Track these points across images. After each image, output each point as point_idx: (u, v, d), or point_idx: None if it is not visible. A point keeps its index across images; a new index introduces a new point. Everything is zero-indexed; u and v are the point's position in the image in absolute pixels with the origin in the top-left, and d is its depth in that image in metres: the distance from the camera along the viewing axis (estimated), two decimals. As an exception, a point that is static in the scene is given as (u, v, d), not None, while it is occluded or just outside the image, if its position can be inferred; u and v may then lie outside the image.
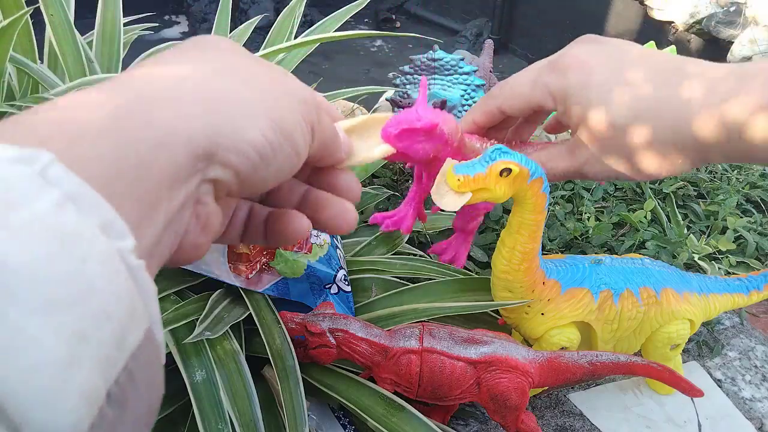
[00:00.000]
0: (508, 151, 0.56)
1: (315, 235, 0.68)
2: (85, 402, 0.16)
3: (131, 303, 0.18)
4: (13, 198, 0.16)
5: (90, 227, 0.17)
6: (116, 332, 0.17)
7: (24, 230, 0.16)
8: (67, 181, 0.18)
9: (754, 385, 0.76)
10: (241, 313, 0.63)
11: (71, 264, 0.16)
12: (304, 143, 0.29)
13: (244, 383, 0.56)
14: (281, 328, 0.59)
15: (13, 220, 0.16)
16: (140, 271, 0.19)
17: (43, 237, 0.16)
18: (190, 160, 0.23)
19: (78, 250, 0.17)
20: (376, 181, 0.99)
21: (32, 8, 0.77)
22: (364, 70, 3.18)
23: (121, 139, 0.21)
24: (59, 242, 0.16)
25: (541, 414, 0.71)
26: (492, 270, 0.65)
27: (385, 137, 0.53)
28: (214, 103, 0.25)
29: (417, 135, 0.54)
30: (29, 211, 0.16)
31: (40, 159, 0.17)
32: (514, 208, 0.60)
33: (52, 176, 0.17)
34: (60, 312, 0.15)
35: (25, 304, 0.15)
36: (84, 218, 0.17)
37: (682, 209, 1.03)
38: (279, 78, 0.30)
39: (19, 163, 0.17)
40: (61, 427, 0.15)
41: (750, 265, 0.92)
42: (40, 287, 0.15)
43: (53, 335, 0.15)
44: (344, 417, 0.65)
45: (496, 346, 0.59)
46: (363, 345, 0.58)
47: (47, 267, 0.16)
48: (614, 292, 0.65)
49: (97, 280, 0.17)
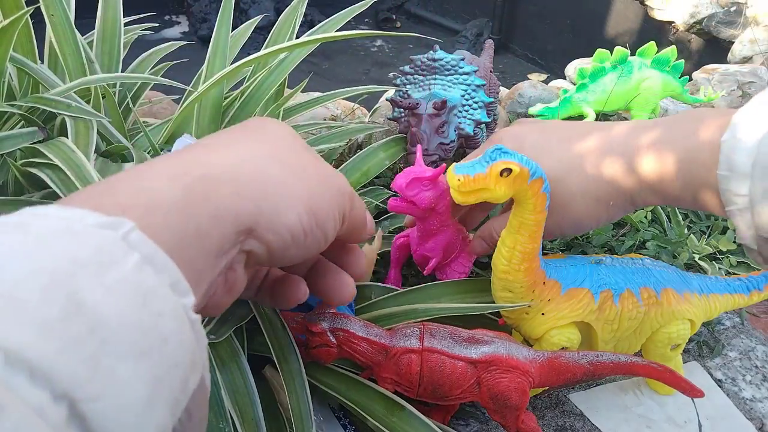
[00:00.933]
0: (508, 151, 0.56)
1: None
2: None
3: (192, 352, 0.21)
4: (106, 260, 0.19)
5: (163, 286, 0.21)
6: (182, 377, 0.20)
7: (115, 289, 0.19)
8: (145, 246, 0.21)
9: (754, 386, 0.76)
10: (245, 313, 0.63)
11: (151, 318, 0.19)
12: (333, 230, 0.33)
13: (246, 383, 0.56)
14: (286, 330, 0.59)
15: (107, 280, 0.19)
16: (197, 324, 0.22)
17: (130, 294, 0.19)
18: (235, 234, 0.27)
19: (155, 305, 0.20)
20: (376, 181, 0.99)
21: (32, 8, 0.77)
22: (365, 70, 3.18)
23: (187, 212, 0.25)
24: (142, 298, 0.19)
25: (541, 414, 0.71)
26: (492, 270, 0.65)
27: (397, 187, 0.66)
28: (262, 186, 0.29)
29: (424, 183, 0.66)
30: (118, 272, 0.19)
31: (123, 226, 0.21)
32: (515, 208, 0.60)
33: (132, 241, 0.21)
34: (143, 359, 0.18)
35: (116, 352, 0.18)
36: (159, 278, 0.21)
37: (682, 209, 1.03)
38: (321, 168, 0.34)
39: (106, 229, 0.21)
40: None
41: (750, 265, 0.92)
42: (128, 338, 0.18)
43: (138, 379, 0.18)
44: (344, 417, 0.65)
45: (496, 345, 0.59)
46: (363, 344, 0.58)
47: (134, 321, 0.19)
48: (614, 293, 0.65)
49: (169, 332, 0.20)
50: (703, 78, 1.49)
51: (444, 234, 0.72)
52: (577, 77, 1.22)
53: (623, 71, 1.16)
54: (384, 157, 0.90)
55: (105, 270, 0.19)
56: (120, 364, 0.18)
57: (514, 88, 1.33)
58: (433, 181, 0.66)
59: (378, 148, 0.91)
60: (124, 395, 0.17)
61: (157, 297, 0.20)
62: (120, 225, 0.21)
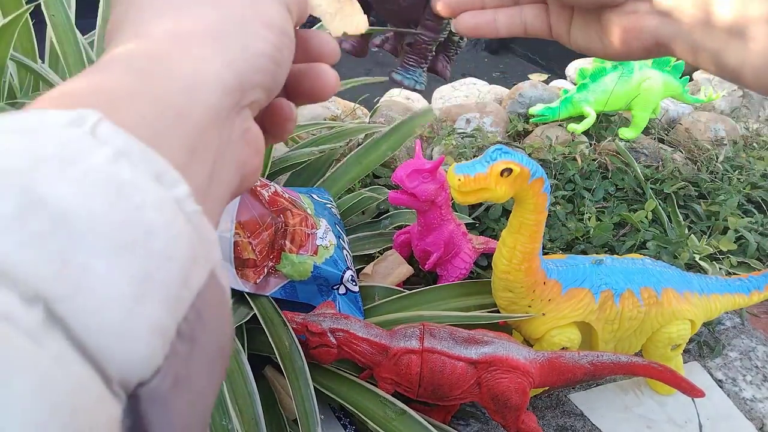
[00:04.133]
0: (508, 151, 0.56)
1: (321, 237, 0.68)
2: (157, 336, 0.17)
3: (192, 246, 0.19)
4: (69, 155, 0.17)
5: (144, 178, 0.18)
6: (180, 272, 0.18)
7: (81, 182, 0.17)
8: (117, 138, 0.18)
9: (755, 386, 0.76)
10: (246, 313, 0.63)
11: (129, 211, 0.17)
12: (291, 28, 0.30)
13: (245, 381, 0.56)
14: (289, 330, 0.59)
15: (71, 174, 0.17)
16: (197, 216, 0.20)
17: (100, 187, 0.17)
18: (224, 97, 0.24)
19: (134, 198, 0.18)
20: (377, 181, 0.99)
21: (32, 6, 0.77)
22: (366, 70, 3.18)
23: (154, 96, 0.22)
24: (116, 192, 0.17)
25: (541, 414, 0.71)
26: (493, 270, 0.65)
27: (397, 179, 0.67)
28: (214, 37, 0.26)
29: (424, 175, 0.67)
30: (85, 165, 0.17)
31: (88, 119, 0.18)
32: (515, 208, 0.60)
33: (101, 134, 0.18)
34: (122, 254, 0.17)
35: (89, 248, 0.16)
36: (137, 170, 0.18)
37: (683, 209, 1.03)
38: None
39: (69, 126, 0.18)
40: (136, 358, 0.16)
41: (751, 266, 0.92)
42: (101, 232, 0.16)
43: (118, 275, 0.16)
44: (345, 417, 0.65)
45: (496, 346, 0.59)
46: (364, 345, 0.58)
47: (107, 214, 0.17)
48: (615, 293, 0.65)
49: (156, 225, 0.18)
50: (704, 78, 1.48)
51: (445, 228, 0.72)
52: (577, 77, 1.22)
53: (624, 71, 1.16)
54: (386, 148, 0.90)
55: (70, 164, 0.17)
56: (94, 260, 0.16)
57: (515, 88, 1.33)
58: (432, 172, 0.67)
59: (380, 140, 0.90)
60: (103, 291, 0.16)
61: (136, 189, 0.18)
62: (85, 119, 0.18)
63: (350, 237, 0.81)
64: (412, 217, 0.85)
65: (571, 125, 1.17)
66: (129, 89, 0.21)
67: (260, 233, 0.65)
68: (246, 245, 0.64)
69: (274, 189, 0.68)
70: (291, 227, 0.67)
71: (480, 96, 1.40)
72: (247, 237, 0.64)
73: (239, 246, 0.64)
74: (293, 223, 0.67)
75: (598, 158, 1.09)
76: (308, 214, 0.69)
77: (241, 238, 0.64)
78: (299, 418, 0.53)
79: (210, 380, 0.20)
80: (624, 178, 1.05)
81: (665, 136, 1.25)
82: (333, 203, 0.80)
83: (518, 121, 1.22)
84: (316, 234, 0.68)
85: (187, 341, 0.18)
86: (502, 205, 0.94)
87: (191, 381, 0.19)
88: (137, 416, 0.16)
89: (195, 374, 0.19)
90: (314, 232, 0.68)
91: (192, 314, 0.18)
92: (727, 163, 1.13)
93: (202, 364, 0.19)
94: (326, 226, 0.70)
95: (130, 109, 0.21)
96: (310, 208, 0.71)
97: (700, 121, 1.25)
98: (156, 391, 0.17)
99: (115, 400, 0.16)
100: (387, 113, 1.17)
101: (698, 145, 1.19)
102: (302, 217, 0.68)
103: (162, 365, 0.17)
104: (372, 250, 0.81)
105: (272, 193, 0.67)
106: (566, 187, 1.02)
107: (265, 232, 0.65)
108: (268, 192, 0.67)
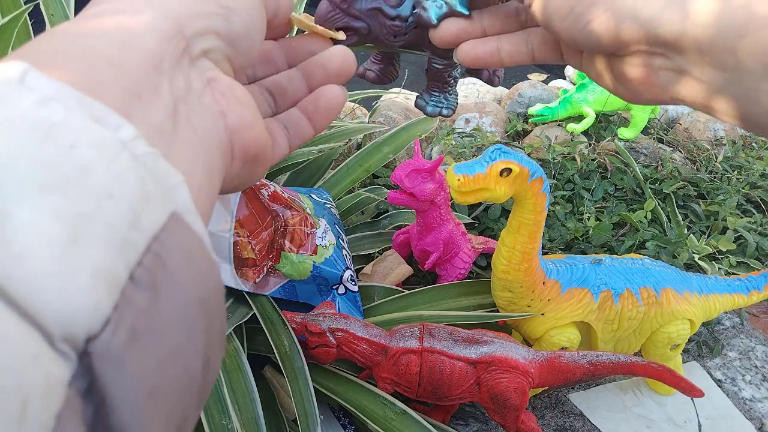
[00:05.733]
0: (508, 150, 0.56)
1: (320, 237, 0.68)
2: (102, 282, 0.15)
3: (142, 185, 0.17)
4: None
5: (79, 119, 0.17)
6: (126, 212, 0.16)
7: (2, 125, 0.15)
8: (48, 85, 0.17)
9: (754, 386, 0.76)
10: (245, 313, 0.63)
11: (58, 150, 0.15)
12: None
13: (245, 381, 0.56)
14: (288, 329, 0.59)
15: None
16: (151, 157, 0.18)
17: (24, 130, 0.15)
18: (163, 44, 0.22)
19: (65, 138, 0.16)
20: (376, 181, 0.99)
21: (31, 6, 0.77)
22: (365, 70, 3.17)
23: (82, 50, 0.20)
24: (43, 133, 0.15)
25: (541, 414, 0.71)
26: (492, 270, 0.65)
27: (396, 179, 0.67)
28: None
29: (423, 175, 0.67)
30: (8, 110, 0.15)
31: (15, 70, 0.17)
32: (514, 208, 0.60)
33: (30, 82, 0.16)
34: (52, 194, 0.15)
35: (9, 190, 0.14)
36: (72, 113, 0.16)
37: (682, 209, 1.03)
38: None
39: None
40: (78, 308, 0.14)
41: (750, 266, 0.92)
42: (25, 174, 0.15)
43: (47, 216, 0.14)
44: (344, 417, 0.65)
45: (496, 346, 0.59)
46: (363, 345, 0.58)
47: (30, 155, 0.15)
48: (614, 292, 0.65)
49: (92, 163, 0.16)
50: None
51: (444, 228, 0.72)
52: (576, 77, 1.22)
53: (623, 71, 1.16)
54: (388, 150, 0.90)
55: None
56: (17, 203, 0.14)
57: (514, 88, 1.33)
58: (431, 172, 0.67)
59: (382, 144, 0.90)
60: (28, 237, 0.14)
61: (69, 130, 0.16)
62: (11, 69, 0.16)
63: (349, 237, 0.81)
64: (412, 217, 0.85)
65: (571, 125, 1.17)
66: (56, 48, 0.20)
67: (260, 232, 0.65)
68: (245, 244, 0.64)
69: (273, 189, 0.68)
70: (290, 227, 0.67)
71: (479, 96, 1.40)
72: (246, 236, 0.64)
73: (238, 245, 0.64)
74: (293, 222, 0.67)
75: (597, 158, 1.09)
76: (308, 213, 0.69)
77: (241, 238, 0.64)
78: (299, 417, 0.53)
79: (189, 336, 0.17)
80: (623, 178, 1.05)
81: (664, 136, 1.26)
82: (332, 203, 0.80)
83: (517, 121, 1.23)
84: (316, 234, 0.68)
85: (146, 289, 0.16)
86: (502, 205, 0.94)
87: (157, 336, 0.16)
88: (92, 377, 0.14)
89: (162, 328, 0.16)
90: (314, 231, 0.68)
91: (149, 260, 0.16)
92: (726, 162, 1.13)
93: (171, 316, 0.17)
94: (326, 226, 0.70)
95: (58, 64, 0.19)
96: (310, 208, 0.71)
97: (700, 121, 1.25)
98: (108, 346, 0.15)
99: (60, 358, 0.14)
100: (386, 113, 1.17)
101: (697, 144, 1.19)
102: (302, 216, 0.68)
103: (111, 315, 0.15)
104: (371, 250, 0.81)
105: (272, 192, 0.67)
106: (565, 187, 1.02)
107: (265, 232, 0.65)
108: (268, 191, 0.67)
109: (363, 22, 0.39)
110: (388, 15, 0.39)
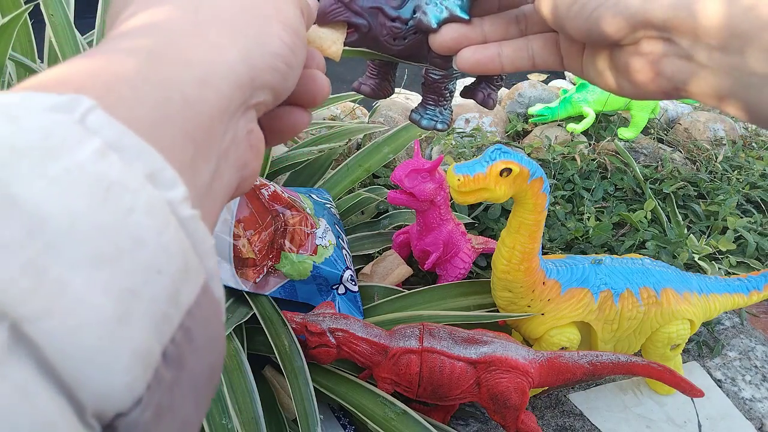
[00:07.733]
0: (507, 150, 0.56)
1: (320, 237, 0.68)
2: (140, 362, 0.15)
3: (184, 256, 0.16)
4: (51, 147, 0.15)
5: (135, 177, 0.16)
6: (169, 288, 0.16)
7: (62, 180, 0.14)
8: (109, 129, 0.16)
9: (754, 386, 0.76)
10: (245, 313, 0.63)
11: (116, 216, 0.15)
12: (305, 31, 0.28)
13: (245, 381, 0.56)
14: (288, 329, 0.59)
15: (51, 170, 0.14)
16: (193, 221, 0.17)
17: (83, 187, 0.15)
18: (236, 91, 0.22)
19: (123, 200, 0.15)
20: (376, 181, 0.99)
21: (31, 6, 0.77)
22: (365, 70, 3.18)
23: (162, 81, 0.19)
24: (102, 193, 0.15)
25: (541, 414, 0.71)
26: (492, 270, 0.65)
27: (396, 179, 0.67)
28: (233, 27, 0.23)
29: (422, 175, 0.67)
30: (68, 161, 0.15)
31: (79, 106, 0.16)
32: (514, 208, 0.60)
33: (92, 124, 0.16)
34: (105, 266, 0.14)
35: (67, 259, 0.14)
36: (129, 167, 0.16)
37: (682, 209, 1.03)
38: None
39: (56, 112, 0.16)
40: (115, 387, 0.14)
41: (750, 265, 0.92)
42: (83, 240, 0.14)
43: (100, 291, 0.14)
44: (344, 417, 0.65)
45: (496, 346, 0.59)
46: (363, 345, 0.58)
47: (89, 219, 0.14)
48: (614, 292, 0.65)
49: (145, 232, 0.15)
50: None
51: (444, 228, 0.72)
52: (576, 77, 1.22)
53: (623, 71, 1.16)
54: (388, 151, 0.90)
55: (51, 159, 0.14)
56: (73, 273, 0.14)
57: (514, 88, 1.33)
58: (431, 172, 0.68)
59: (382, 144, 0.91)
60: (81, 312, 0.14)
61: (127, 190, 0.15)
62: (75, 105, 0.16)
63: (349, 237, 0.81)
64: (412, 217, 0.85)
65: (571, 125, 1.17)
66: (132, 73, 0.19)
67: (260, 232, 0.65)
68: (245, 244, 0.64)
69: (273, 188, 0.68)
70: (290, 227, 0.67)
71: (479, 96, 1.40)
72: (246, 236, 0.64)
73: (239, 245, 0.64)
74: (293, 222, 0.67)
75: (597, 158, 1.09)
76: (308, 213, 0.69)
77: (241, 237, 0.64)
78: (299, 417, 0.53)
79: (197, 408, 0.18)
80: (623, 178, 1.05)
81: (664, 136, 1.26)
82: (332, 203, 0.80)
83: (517, 121, 1.23)
84: (316, 234, 0.68)
85: (174, 366, 0.16)
86: (501, 205, 0.94)
87: (176, 410, 0.16)
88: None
89: (180, 402, 0.16)
90: (314, 231, 0.68)
91: (180, 335, 0.16)
92: (726, 162, 1.13)
93: (188, 390, 0.17)
94: (326, 226, 0.70)
95: (130, 95, 0.18)
96: (310, 208, 0.71)
97: (699, 121, 1.25)
98: (135, 423, 0.15)
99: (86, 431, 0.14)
100: (386, 113, 1.17)
101: (697, 144, 1.19)
102: (302, 216, 0.68)
103: (144, 395, 0.15)
104: (371, 250, 0.81)
105: (272, 192, 0.67)
106: (565, 187, 1.02)
107: (265, 232, 0.65)
108: (268, 191, 0.67)
109: (364, 19, 0.39)
110: (389, 15, 0.39)
